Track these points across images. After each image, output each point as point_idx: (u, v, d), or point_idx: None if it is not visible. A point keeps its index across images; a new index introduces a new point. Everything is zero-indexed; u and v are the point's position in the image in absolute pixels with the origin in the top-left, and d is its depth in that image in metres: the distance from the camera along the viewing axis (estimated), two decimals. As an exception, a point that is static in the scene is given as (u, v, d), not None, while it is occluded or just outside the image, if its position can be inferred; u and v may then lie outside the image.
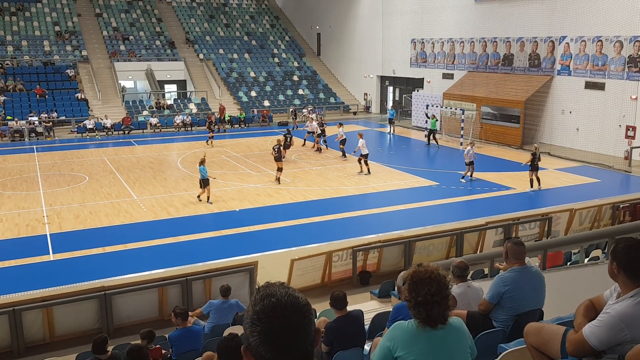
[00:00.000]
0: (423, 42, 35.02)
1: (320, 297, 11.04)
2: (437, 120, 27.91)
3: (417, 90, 34.67)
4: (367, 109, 40.07)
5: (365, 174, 21.18)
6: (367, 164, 21.39)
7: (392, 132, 31.12)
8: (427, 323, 2.82)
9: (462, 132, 27.29)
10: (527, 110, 27.13)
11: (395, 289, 10.28)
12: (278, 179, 20.20)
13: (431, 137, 27.44)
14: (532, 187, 18.91)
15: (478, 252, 13.12)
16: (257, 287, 1.71)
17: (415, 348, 2.81)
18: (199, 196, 17.80)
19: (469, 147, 20.16)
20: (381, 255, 12.42)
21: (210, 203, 17.48)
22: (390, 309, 8.22)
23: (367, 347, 6.28)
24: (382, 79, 39.56)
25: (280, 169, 20.24)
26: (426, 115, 28.79)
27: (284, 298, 1.62)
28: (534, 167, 18.76)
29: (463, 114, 27.37)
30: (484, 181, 20.27)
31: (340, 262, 12.04)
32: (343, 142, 24.43)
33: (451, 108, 29.59)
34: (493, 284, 5.27)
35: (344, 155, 24.38)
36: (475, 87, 29.95)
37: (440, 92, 32.03)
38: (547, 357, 3.68)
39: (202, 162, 17.63)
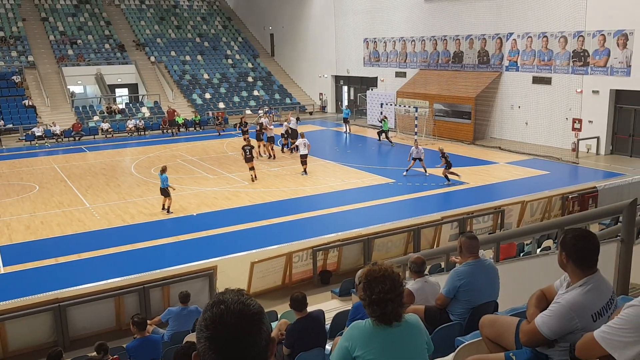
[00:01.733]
0: (375, 42, 35.38)
1: (282, 298, 11.03)
2: (387, 121, 28.20)
3: (372, 89, 35.00)
4: (322, 108, 40.20)
5: (302, 174, 21.14)
6: (303, 164, 21.22)
7: (348, 131, 31.32)
8: (381, 321, 2.85)
9: (416, 130, 27.69)
10: (478, 106, 27.78)
11: (354, 287, 10.38)
12: (253, 178, 20.38)
13: (382, 136, 27.69)
14: (448, 181, 19.46)
15: (435, 246, 13.36)
16: (215, 293, 1.71)
17: (373, 347, 2.84)
18: (163, 206, 17.03)
19: (413, 147, 20.70)
20: (341, 254, 12.50)
21: (170, 212, 16.87)
22: (350, 308, 8.29)
23: (328, 347, 6.31)
24: (337, 78, 39.76)
25: (252, 168, 20.40)
26: (379, 121, 29.04)
27: (233, 305, 1.60)
28: (449, 164, 19.37)
29: (416, 111, 27.80)
30: (438, 177, 20.62)
31: (300, 262, 12.06)
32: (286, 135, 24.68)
33: (405, 106, 30.00)
34: (449, 278, 5.34)
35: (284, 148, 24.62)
36: (428, 85, 30.47)
37: (393, 90, 32.43)
38: (502, 348, 3.76)
39: (163, 170, 17.04)
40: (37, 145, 29.61)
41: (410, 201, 17.85)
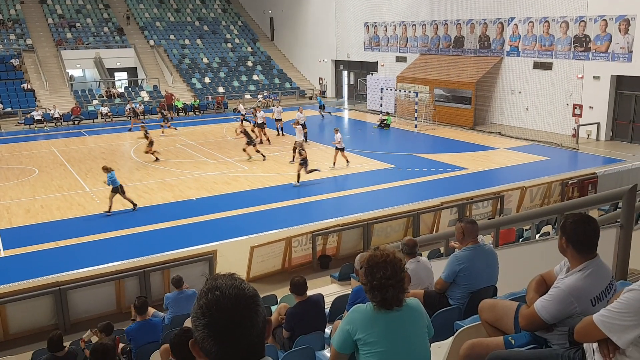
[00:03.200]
0: (376, 26, 35.14)
1: (281, 282, 11.08)
2: (390, 116, 28.25)
3: (372, 74, 34.84)
4: (322, 93, 40.04)
5: (290, 162, 20.63)
6: (294, 152, 20.17)
7: (322, 117, 31.40)
8: (382, 306, 2.87)
9: (416, 115, 27.63)
10: (478, 92, 27.68)
11: (353, 272, 10.42)
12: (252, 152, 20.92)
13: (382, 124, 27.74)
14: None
15: (434, 232, 13.39)
16: (206, 279, 1.68)
17: (374, 330, 2.86)
18: (109, 209, 15.48)
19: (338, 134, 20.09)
20: (340, 238, 12.53)
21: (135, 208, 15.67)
22: (350, 292, 8.33)
23: (327, 330, 6.35)
24: (337, 63, 39.55)
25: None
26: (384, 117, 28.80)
27: (228, 290, 1.59)
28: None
29: (416, 96, 27.69)
30: (438, 162, 20.63)
31: (300, 247, 12.08)
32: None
33: (405, 91, 29.89)
34: (448, 263, 5.37)
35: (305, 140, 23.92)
36: (428, 70, 30.32)
37: (394, 75, 32.29)
38: (501, 332, 3.78)
39: (107, 169, 15.60)
40: (36, 129, 29.53)
41: (410, 186, 17.86)
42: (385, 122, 28.00)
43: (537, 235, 10.37)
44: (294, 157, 20.46)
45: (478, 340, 3.64)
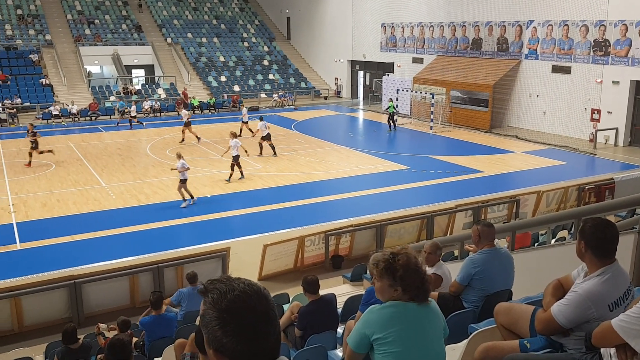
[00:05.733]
0: (393, 27, 35.04)
1: (293, 281, 11.08)
2: (394, 104, 27.73)
3: (388, 75, 34.75)
4: (337, 93, 40.02)
5: (240, 178, 18.49)
6: (232, 168, 18.30)
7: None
8: (425, 299, 2.96)
9: (432, 117, 27.51)
10: (496, 94, 27.49)
11: (367, 272, 10.39)
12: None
13: (392, 119, 27.32)
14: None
15: (448, 234, 13.31)
16: (203, 287, 1.59)
17: (392, 329, 2.87)
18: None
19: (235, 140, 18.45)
20: (353, 239, 12.50)
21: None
22: (362, 292, 8.31)
23: (340, 330, 6.35)
24: (353, 63, 39.51)
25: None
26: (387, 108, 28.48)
27: (247, 289, 1.55)
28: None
29: (433, 98, 27.58)
30: (453, 164, 20.52)
31: (312, 246, 12.07)
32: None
33: (421, 92, 29.78)
34: (464, 265, 5.35)
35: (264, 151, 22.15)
36: (445, 72, 30.17)
37: (410, 76, 32.17)
38: (516, 335, 3.76)
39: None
40: (53, 124, 29.86)
41: (425, 188, 17.78)
42: (388, 109, 27.47)
43: (553, 240, 10.27)
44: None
45: (493, 343, 3.62)
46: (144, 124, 28.72)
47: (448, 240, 11.73)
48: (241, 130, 25.31)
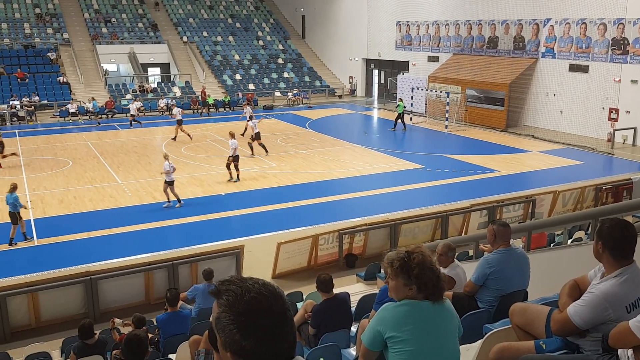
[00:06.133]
0: (408, 25, 34.90)
1: (307, 280, 11.10)
2: (404, 104, 27.61)
3: (403, 73, 34.62)
4: (352, 92, 39.96)
5: (235, 181, 18.14)
6: (229, 168, 18.17)
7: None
8: (440, 298, 2.96)
9: (447, 115, 27.36)
10: (512, 93, 27.26)
11: (381, 271, 10.37)
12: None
13: (398, 120, 27.08)
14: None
15: (463, 234, 13.24)
16: (215, 289, 1.55)
17: (407, 328, 2.87)
18: (11, 241, 13.04)
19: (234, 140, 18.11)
20: (367, 238, 12.48)
21: (15, 244, 13.10)
22: (376, 291, 8.29)
23: (353, 329, 6.34)
24: (368, 61, 39.42)
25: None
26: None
27: (261, 289, 1.52)
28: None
29: (448, 97, 27.43)
30: (468, 164, 20.40)
31: (326, 245, 12.08)
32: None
33: (436, 91, 29.63)
34: (479, 265, 5.32)
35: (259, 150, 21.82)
36: (460, 70, 29.98)
37: (425, 75, 32.02)
38: (532, 336, 3.74)
39: (13, 189, 13.24)
40: (70, 121, 30.18)
41: (439, 187, 17.69)
42: (397, 108, 27.25)
43: (569, 241, 10.17)
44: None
45: (508, 343, 3.59)
46: (142, 123, 28.67)
47: (463, 240, 11.68)
48: (245, 129, 25.18)
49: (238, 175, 18.23)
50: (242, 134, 24.38)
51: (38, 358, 7.44)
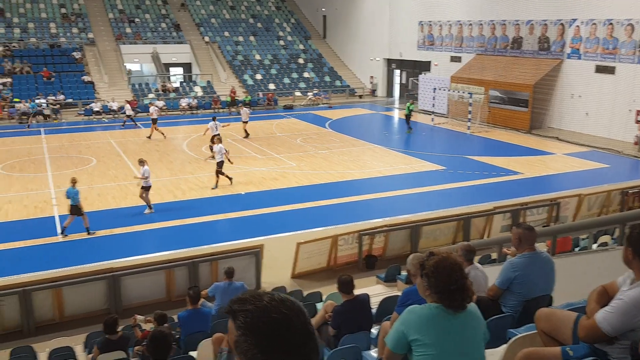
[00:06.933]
0: (431, 25, 34.67)
1: (326, 280, 11.10)
2: (416, 104, 27.29)
3: (424, 74, 34.41)
4: (373, 92, 39.84)
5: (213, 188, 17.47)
6: (218, 175, 17.46)
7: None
8: (460, 307, 2.89)
9: (469, 116, 27.12)
10: (536, 94, 26.91)
11: (401, 273, 10.31)
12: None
13: (410, 120, 26.80)
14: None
15: (485, 237, 13.10)
16: (229, 308, 1.48)
17: (431, 332, 2.83)
18: (63, 230, 13.72)
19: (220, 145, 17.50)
20: (387, 239, 12.41)
21: (65, 235, 13.65)
22: (397, 293, 8.24)
23: (374, 330, 6.30)
24: (389, 61, 39.26)
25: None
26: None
27: (280, 308, 1.44)
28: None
29: (471, 97, 27.18)
30: (491, 165, 20.18)
31: (346, 246, 12.05)
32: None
33: (459, 91, 29.39)
34: (503, 269, 5.27)
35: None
36: (484, 71, 29.70)
37: (447, 75, 31.77)
38: (557, 342, 3.68)
39: (73, 183, 13.74)
40: (94, 120, 30.60)
41: (461, 189, 17.53)
42: (408, 108, 26.87)
43: (595, 245, 9.98)
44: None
45: (534, 349, 3.54)
46: (139, 124, 28.63)
47: (485, 242, 11.56)
48: (245, 131, 25.39)
49: (217, 182, 17.44)
50: (204, 134, 23.00)
51: (62, 352, 7.54)
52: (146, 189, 15.21)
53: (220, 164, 17.25)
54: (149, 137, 25.38)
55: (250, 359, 1.41)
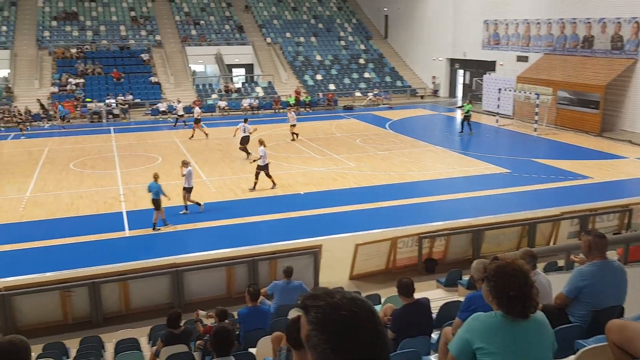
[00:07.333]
0: (496, 24, 33.76)
1: (384, 282, 10.99)
2: (472, 105, 26.54)
3: (489, 74, 33.55)
4: (434, 92, 39.23)
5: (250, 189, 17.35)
6: (257, 177, 17.18)
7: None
8: (521, 315, 2.76)
9: (536, 118, 26.22)
10: (608, 96, 25.69)
11: (462, 278, 10.07)
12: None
13: (467, 122, 26.02)
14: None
15: (551, 243, 12.61)
16: (301, 303, 1.51)
17: (496, 340, 2.75)
18: (154, 226, 14.21)
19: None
20: (448, 243, 12.16)
21: (158, 229, 14.22)
22: (457, 299, 8.06)
23: (434, 335, 6.18)
24: (452, 61, 38.54)
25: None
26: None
27: (351, 306, 1.45)
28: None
29: (538, 98, 26.28)
30: (558, 169, 19.43)
31: (405, 248, 11.89)
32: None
33: (525, 92, 28.47)
34: (572, 277, 5.11)
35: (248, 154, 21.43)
36: (552, 71, 28.63)
37: (513, 75, 30.84)
38: (630, 355, 3.49)
39: (156, 178, 14.47)
40: (160, 119, 31.65)
41: (526, 193, 16.95)
42: (463, 109, 26.12)
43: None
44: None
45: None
46: (186, 123, 28.93)
47: (551, 249, 11.14)
48: (293, 133, 25.20)
49: (273, 182, 17.32)
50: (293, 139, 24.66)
51: (128, 344, 7.83)
52: (188, 190, 15.34)
53: (264, 167, 17.02)
54: (191, 137, 25.90)
55: (320, 354, 1.44)
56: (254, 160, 17.61)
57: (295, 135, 25.20)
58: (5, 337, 2.85)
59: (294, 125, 25.24)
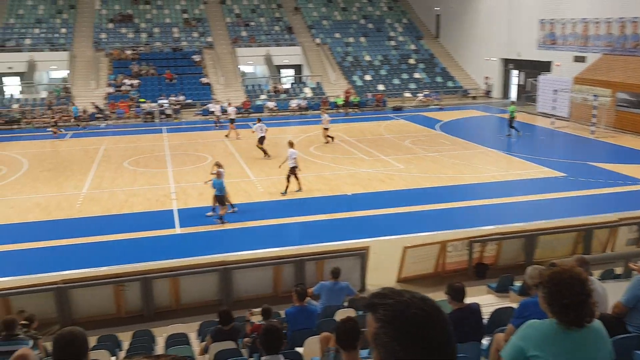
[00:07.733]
0: (552, 23, 32.75)
1: (433, 286, 10.81)
2: (515, 107, 25.69)
3: (545, 74, 32.57)
4: (487, 93, 38.39)
5: (296, 190, 17.25)
6: (288, 179, 17.12)
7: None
8: (575, 324, 2.63)
9: (593, 120, 25.28)
10: (671, 97, 24.50)
11: (514, 284, 9.79)
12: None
13: (513, 124, 25.23)
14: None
15: (608, 250, 12.11)
16: (370, 302, 1.50)
17: (551, 349, 2.64)
18: (221, 217, 14.77)
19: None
20: (500, 248, 11.86)
21: (225, 222, 14.72)
22: (509, 305, 7.83)
23: (485, 342, 6.03)
24: (506, 61, 37.63)
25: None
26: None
27: (421, 305, 1.45)
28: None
29: (596, 99, 25.32)
30: (617, 173, 18.65)
31: (455, 252, 11.67)
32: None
33: (582, 93, 27.49)
34: (630, 286, 4.95)
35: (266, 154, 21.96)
36: (611, 72, 27.53)
37: (570, 76, 29.83)
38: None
39: (218, 174, 14.83)
40: (210, 120, 32.21)
41: (583, 198, 16.35)
42: (511, 114, 25.29)
43: None
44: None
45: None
46: (220, 124, 29.32)
47: (609, 257, 10.72)
48: (327, 136, 24.73)
49: (287, 186, 17.17)
50: (327, 142, 24.46)
51: (178, 338, 7.98)
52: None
53: (292, 169, 16.97)
54: (227, 136, 26.39)
55: (389, 352, 1.42)
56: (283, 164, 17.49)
57: (330, 139, 24.66)
58: (66, 328, 3.11)
59: (327, 129, 24.79)
